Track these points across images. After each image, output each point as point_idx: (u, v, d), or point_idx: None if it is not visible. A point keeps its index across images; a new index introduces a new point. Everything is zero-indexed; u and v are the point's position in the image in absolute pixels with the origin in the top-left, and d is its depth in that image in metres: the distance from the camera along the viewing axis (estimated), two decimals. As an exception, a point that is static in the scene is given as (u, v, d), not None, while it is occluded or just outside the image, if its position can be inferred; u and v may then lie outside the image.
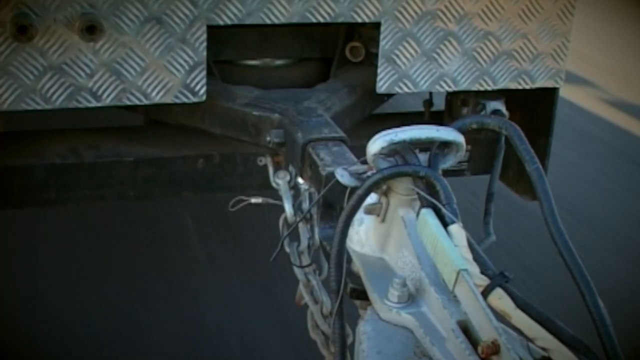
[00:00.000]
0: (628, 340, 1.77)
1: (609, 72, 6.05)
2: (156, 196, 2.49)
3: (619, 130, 5.11)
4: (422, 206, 1.46)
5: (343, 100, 2.46)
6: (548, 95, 2.66)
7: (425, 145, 1.55)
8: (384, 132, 1.51)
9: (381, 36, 2.38)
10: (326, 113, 2.30)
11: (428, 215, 1.43)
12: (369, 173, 1.54)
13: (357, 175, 1.57)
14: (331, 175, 1.82)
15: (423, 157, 1.54)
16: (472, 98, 2.67)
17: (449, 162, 1.56)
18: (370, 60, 2.54)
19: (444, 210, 1.43)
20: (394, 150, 1.53)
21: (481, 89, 2.53)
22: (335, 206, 1.84)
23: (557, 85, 2.62)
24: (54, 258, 3.35)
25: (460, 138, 1.53)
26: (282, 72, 2.57)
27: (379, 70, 2.41)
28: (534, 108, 2.73)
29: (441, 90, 2.54)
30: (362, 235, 1.60)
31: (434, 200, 1.45)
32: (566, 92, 4.66)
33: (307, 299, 1.99)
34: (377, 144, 1.50)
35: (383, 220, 1.57)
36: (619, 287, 3.35)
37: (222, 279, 3.32)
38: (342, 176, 1.57)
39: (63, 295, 3.14)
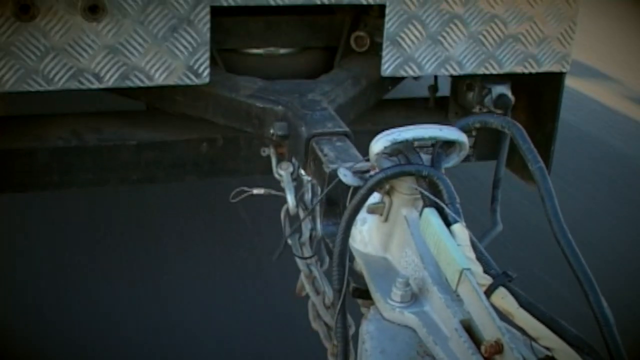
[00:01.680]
0: (631, 339, 1.78)
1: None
2: (160, 180, 2.48)
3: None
4: (425, 205, 1.46)
5: (347, 92, 2.45)
6: (554, 80, 2.64)
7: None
8: (386, 132, 1.51)
9: (386, 18, 2.36)
10: (330, 105, 2.30)
11: (431, 214, 1.43)
12: (371, 172, 1.54)
13: (360, 175, 1.57)
14: (334, 173, 1.82)
15: (426, 157, 1.54)
16: (477, 82, 2.63)
17: (452, 162, 1.56)
18: (375, 50, 2.53)
19: (447, 209, 1.43)
20: (397, 149, 1.52)
21: (487, 72, 2.50)
22: (339, 203, 1.84)
23: (563, 70, 2.59)
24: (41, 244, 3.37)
25: (463, 137, 1.53)
26: (286, 62, 2.56)
27: (383, 53, 2.39)
28: (540, 93, 2.71)
29: (446, 73, 2.52)
30: (365, 234, 1.60)
31: (437, 200, 1.45)
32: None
33: (308, 289, 1.98)
34: (379, 143, 1.50)
35: (386, 220, 1.57)
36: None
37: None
38: (345, 176, 1.57)
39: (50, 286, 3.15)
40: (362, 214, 1.55)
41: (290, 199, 2.03)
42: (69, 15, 2.08)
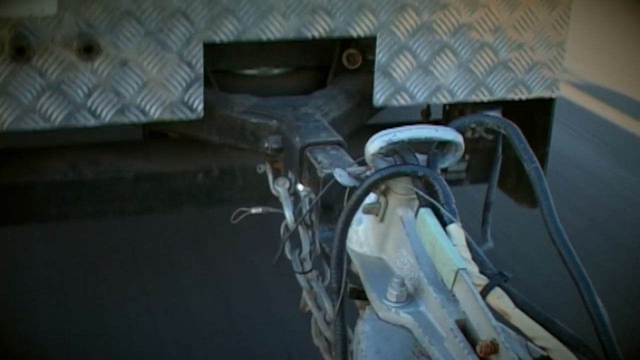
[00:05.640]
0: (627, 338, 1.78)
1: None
2: (156, 211, 2.50)
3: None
4: (421, 206, 1.46)
5: (341, 107, 2.47)
6: (545, 105, 2.67)
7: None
8: (382, 132, 1.51)
9: (377, 49, 2.39)
10: (324, 119, 2.31)
11: (427, 214, 1.43)
12: (367, 173, 1.54)
13: (356, 175, 1.57)
14: (329, 176, 1.83)
15: (422, 157, 1.54)
16: (469, 109, 2.68)
17: (447, 162, 1.56)
18: (367, 67, 2.55)
19: (442, 209, 1.43)
20: (393, 150, 1.53)
21: (477, 100, 2.54)
22: (334, 208, 1.84)
23: (553, 95, 2.63)
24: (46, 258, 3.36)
25: (459, 138, 1.53)
26: (279, 81, 2.58)
27: (375, 84, 2.43)
28: (531, 118, 2.74)
29: (438, 102, 2.55)
30: (361, 235, 1.60)
31: (432, 200, 1.45)
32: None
33: (310, 305, 1.99)
34: (375, 143, 1.50)
35: (382, 220, 1.57)
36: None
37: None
38: (341, 176, 1.57)
39: (55, 294, 3.14)
40: (358, 215, 1.55)
41: (288, 214, 2.04)
42: (64, 54, 2.11)
